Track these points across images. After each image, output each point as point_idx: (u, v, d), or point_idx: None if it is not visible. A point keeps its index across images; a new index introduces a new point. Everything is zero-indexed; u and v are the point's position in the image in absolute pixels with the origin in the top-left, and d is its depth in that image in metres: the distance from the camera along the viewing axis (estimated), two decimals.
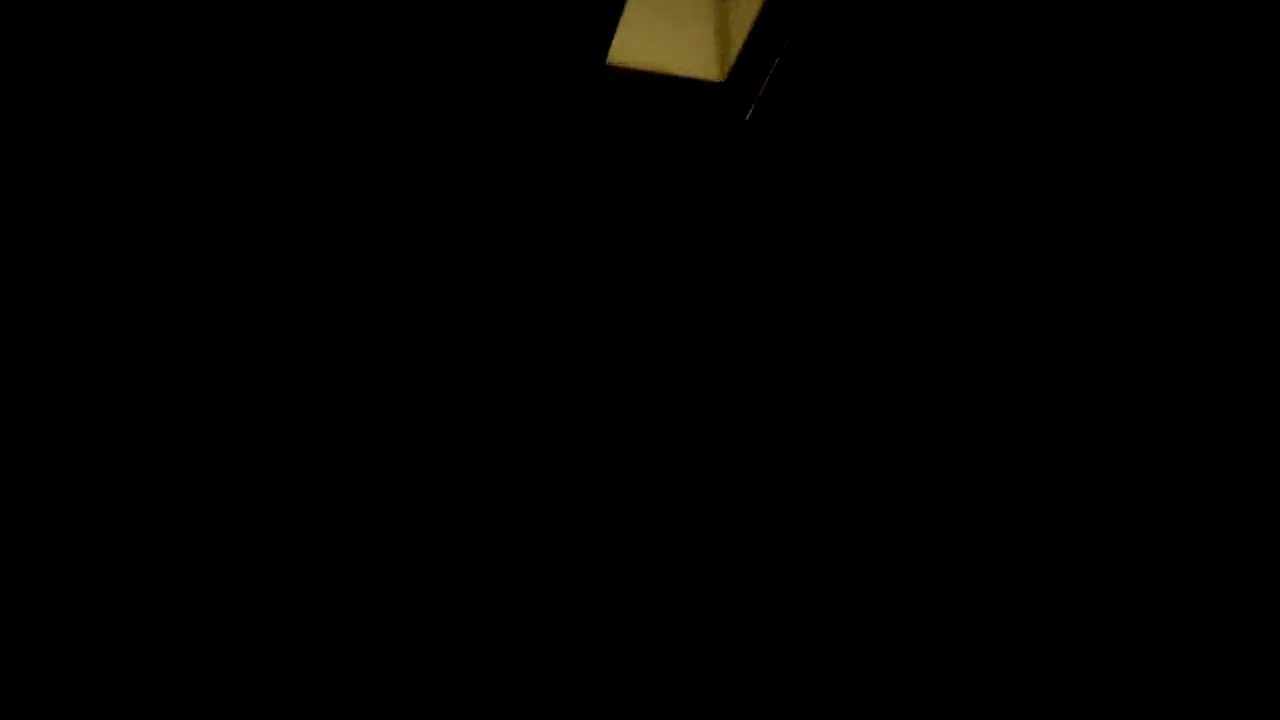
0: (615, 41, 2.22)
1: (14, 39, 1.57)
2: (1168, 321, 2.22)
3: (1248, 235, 2.08)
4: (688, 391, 2.20)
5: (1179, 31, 1.95)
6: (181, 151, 1.84)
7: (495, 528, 1.93)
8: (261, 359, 2.00)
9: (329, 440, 1.96)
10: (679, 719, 1.73)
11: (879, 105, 2.12)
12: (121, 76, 1.70)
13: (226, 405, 1.93)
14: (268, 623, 1.69)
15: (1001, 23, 1.96)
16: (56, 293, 1.86)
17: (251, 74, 1.80)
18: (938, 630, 1.93)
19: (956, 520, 2.11)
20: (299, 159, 1.95)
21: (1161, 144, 2.11)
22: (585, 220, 2.22)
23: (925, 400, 2.27)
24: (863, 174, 2.24)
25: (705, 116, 2.18)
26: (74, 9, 1.56)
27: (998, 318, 2.29)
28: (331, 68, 1.85)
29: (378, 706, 1.64)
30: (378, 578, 1.80)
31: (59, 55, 1.62)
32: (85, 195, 1.82)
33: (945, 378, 2.28)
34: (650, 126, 2.19)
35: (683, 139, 2.21)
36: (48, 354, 1.85)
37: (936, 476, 2.20)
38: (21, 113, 1.68)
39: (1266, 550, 2.02)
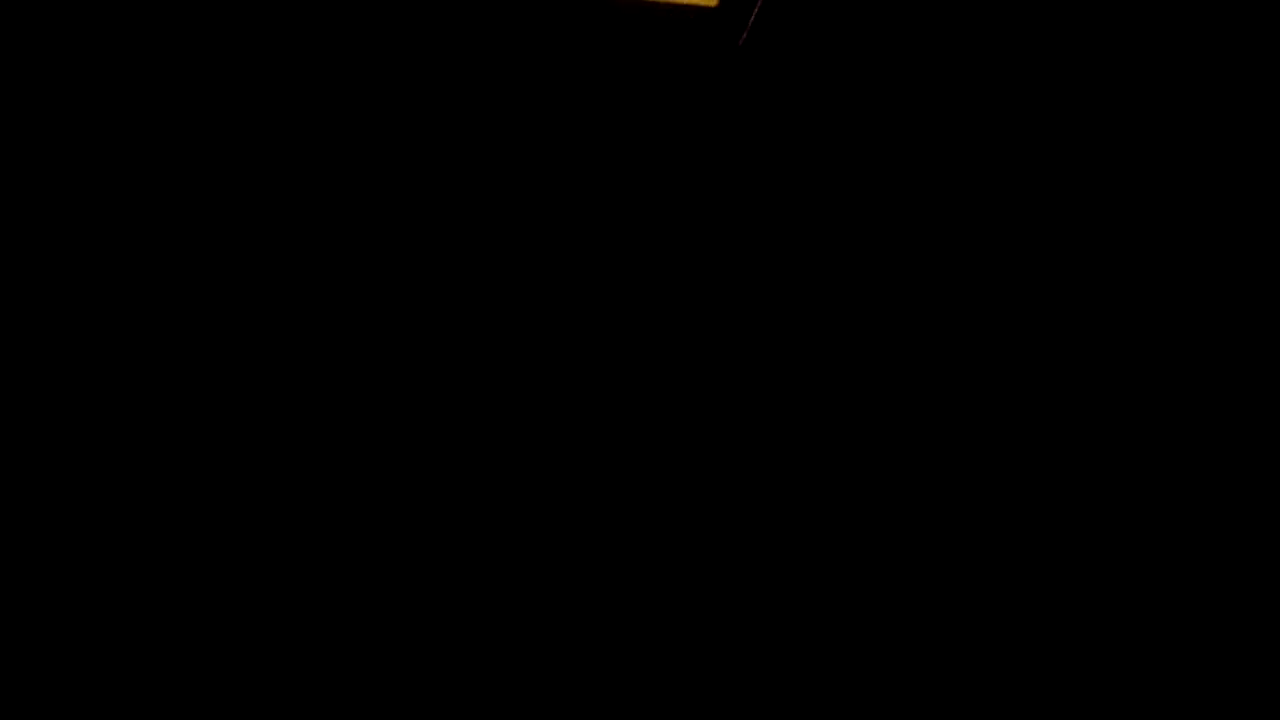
0: None
1: (14, 39, 1.55)
2: (1167, 319, 2.14)
3: (1248, 235, 1.99)
4: (686, 328, 2.17)
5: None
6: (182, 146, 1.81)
7: (495, 517, 1.93)
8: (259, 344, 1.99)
9: (329, 433, 1.96)
10: (679, 718, 1.74)
11: (877, 28, 2.02)
12: (122, 76, 1.67)
13: (226, 404, 1.94)
14: (268, 623, 1.70)
15: None
16: (56, 293, 1.87)
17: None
18: (937, 630, 1.93)
19: (956, 516, 2.08)
20: (294, 88, 1.91)
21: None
22: (576, 157, 2.17)
23: (929, 337, 2.21)
24: (861, 101, 2.14)
25: (697, 42, 2.10)
26: (74, 9, 1.52)
27: (1000, 250, 2.21)
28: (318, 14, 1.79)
29: (378, 707, 1.66)
30: (377, 578, 1.81)
31: (59, 55, 1.60)
32: (85, 195, 1.81)
33: (946, 312, 2.21)
34: (640, 54, 2.11)
35: (674, 67, 2.13)
36: (47, 354, 1.86)
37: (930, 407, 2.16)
38: (21, 113, 1.66)
39: (1267, 550, 1.98)
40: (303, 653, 1.72)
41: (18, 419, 1.82)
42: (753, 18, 2.01)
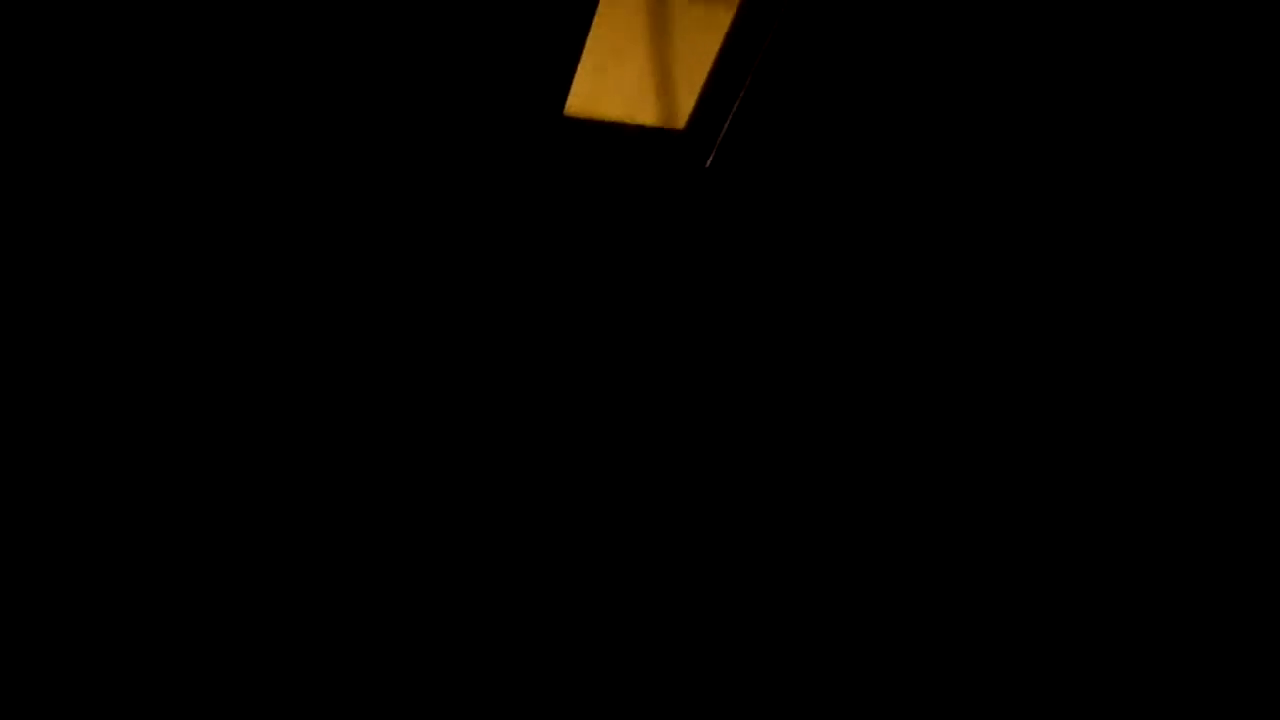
0: (572, 92, 2.21)
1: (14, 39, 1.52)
2: (1163, 321, 2.21)
3: (1248, 235, 2.07)
4: (654, 440, 2.15)
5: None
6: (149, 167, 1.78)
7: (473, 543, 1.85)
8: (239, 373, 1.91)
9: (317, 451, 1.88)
10: (679, 719, 1.68)
11: (837, 149, 2.13)
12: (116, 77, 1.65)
13: (221, 407, 1.85)
14: (268, 623, 1.63)
15: (956, 63, 2.00)
16: (56, 293, 1.79)
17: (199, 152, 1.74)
18: (938, 630, 1.89)
19: (955, 521, 2.08)
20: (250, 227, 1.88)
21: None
22: (547, 274, 2.18)
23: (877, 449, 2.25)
24: (823, 218, 2.24)
25: (665, 165, 2.18)
26: (74, 9, 1.51)
27: (956, 371, 2.29)
28: (292, 125, 1.80)
29: (377, 707, 1.59)
30: (377, 578, 1.73)
31: (59, 55, 1.57)
32: (85, 195, 1.75)
33: (904, 429, 2.26)
34: (610, 177, 2.17)
35: (643, 188, 2.20)
36: (47, 354, 1.78)
37: (910, 498, 2.17)
38: (21, 113, 1.62)
39: (1267, 550, 2.00)
40: (303, 652, 1.67)
41: (18, 419, 1.78)
42: (719, 141, 2.10)
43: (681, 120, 2.21)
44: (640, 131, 2.17)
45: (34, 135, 1.64)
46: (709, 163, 2.15)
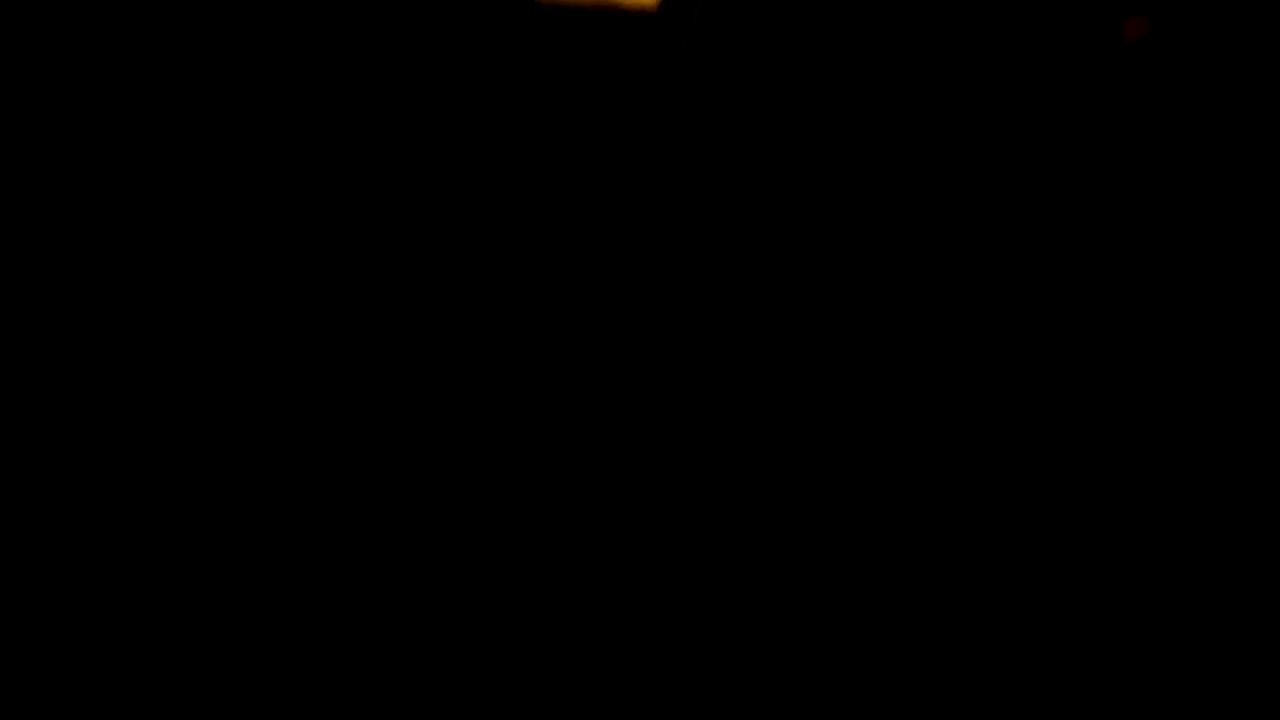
0: None
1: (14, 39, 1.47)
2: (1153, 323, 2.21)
3: (1247, 235, 2.08)
4: (631, 344, 2.09)
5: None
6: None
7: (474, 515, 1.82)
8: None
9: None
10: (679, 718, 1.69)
11: (820, 27, 2.04)
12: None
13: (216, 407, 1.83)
14: (268, 623, 1.64)
15: None
16: (56, 293, 1.80)
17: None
18: (937, 630, 1.90)
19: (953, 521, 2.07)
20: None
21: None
22: (517, 169, 2.09)
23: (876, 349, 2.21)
24: (805, 103, 2.16)
25: (638, 47, 2.06)
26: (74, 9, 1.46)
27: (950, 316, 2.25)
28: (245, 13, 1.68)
29: (377, 707, 1.59)
30: (378, 578, 1.73)
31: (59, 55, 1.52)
32: (85, 195, 1.73)
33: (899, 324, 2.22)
34: (580, 61, 2.05)
35: (616, 72, 2.09)
36: (48, 354, 1.79)
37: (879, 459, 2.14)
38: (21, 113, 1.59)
39: (1267, 550, 2.04)
40: (303, 653, 1.69)
41: (18, 419, 1.79)
42: (695, 19, 1.99)
43: None
44: (611, 12, 2.05)
45: (30, 135, 1.59)
46: (685, 43, 2.05)
